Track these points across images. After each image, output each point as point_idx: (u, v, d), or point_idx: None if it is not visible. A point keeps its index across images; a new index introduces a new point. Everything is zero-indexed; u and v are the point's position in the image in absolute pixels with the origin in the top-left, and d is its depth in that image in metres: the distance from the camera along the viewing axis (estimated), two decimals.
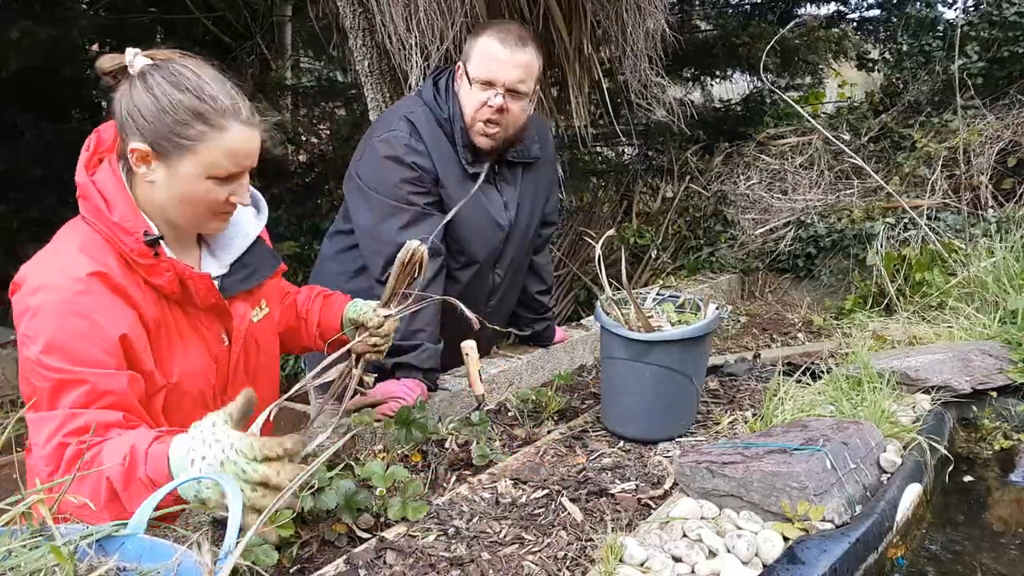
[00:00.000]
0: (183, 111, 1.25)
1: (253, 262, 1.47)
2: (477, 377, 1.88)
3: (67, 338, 1.19)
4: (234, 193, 1.33)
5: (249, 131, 1.31)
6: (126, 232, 1.27)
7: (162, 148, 1.26)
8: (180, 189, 1.29)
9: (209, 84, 1.28)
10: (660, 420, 1.76)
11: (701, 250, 4.20)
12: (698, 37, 5.95)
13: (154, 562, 0.93)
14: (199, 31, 5.89)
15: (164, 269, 1.30)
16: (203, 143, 1.26)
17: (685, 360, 1.72)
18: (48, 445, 1.18)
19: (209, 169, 1.28)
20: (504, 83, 1.90)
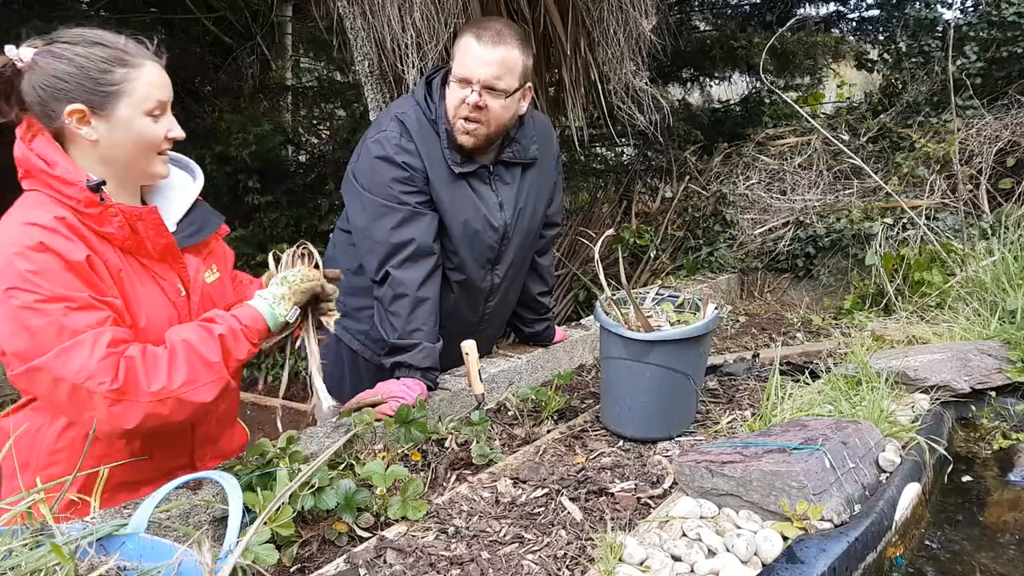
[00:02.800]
0: (99, 61, 1.31)
1: (197, 220, 1.54)
2: (477, 377, 1.89)
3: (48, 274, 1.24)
4: (170, 129, 1.40)
5: (158, 64, 1.39)
6: (69, 184, 1.31)
7: (95, 102, 1.32)
8: (123, 134, 1.35)
9: (103, 35, 1.35)
10: (659, 419, 1.77)
11: (700, 250, 4.20)
12: (696, 38, 5.95)
13: (155, 561, 0.93)
14: (199, 31, 5.89)
15: (112, 214, 1.34)
16: (129, 83, 1.33)
17: (684, 360, 1.72)
18: (91, 364, 1.21)
19: (142, 104, 1.35)
20: (479, 79, 1.88)
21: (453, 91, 1.93)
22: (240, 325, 1.40)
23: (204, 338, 1.34)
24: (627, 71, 3.21)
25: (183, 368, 1.30)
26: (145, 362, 1.27)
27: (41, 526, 0.99)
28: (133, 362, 1.25)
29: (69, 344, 1.22)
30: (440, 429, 1.81)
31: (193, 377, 1.31)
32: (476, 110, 1.91)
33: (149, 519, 1.04)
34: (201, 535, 0.94)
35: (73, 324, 1.23)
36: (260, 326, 1.44)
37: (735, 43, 5.49)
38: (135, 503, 1.32)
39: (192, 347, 1.32)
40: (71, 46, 1.32)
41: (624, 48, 3.15)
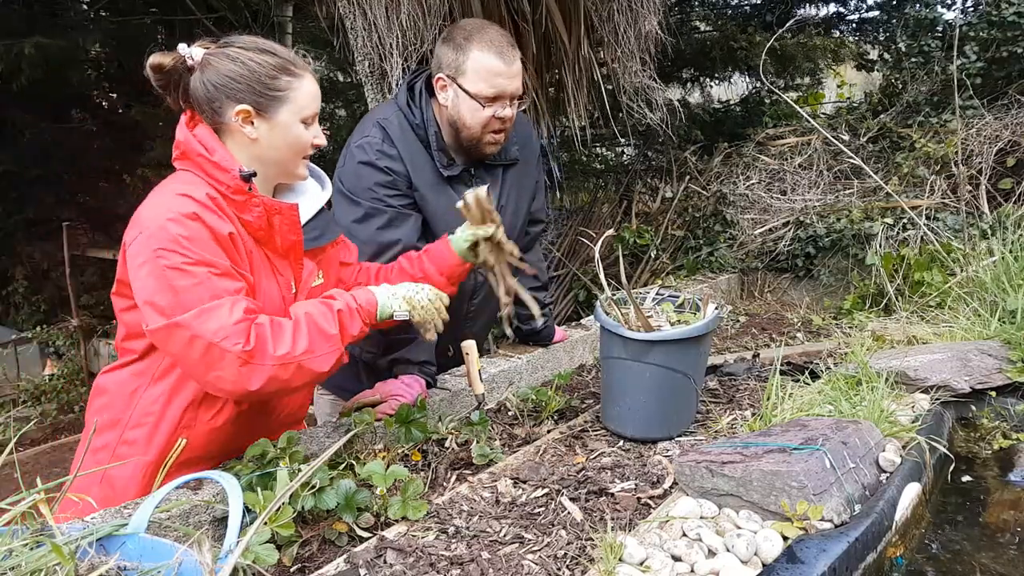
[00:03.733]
0: (270, 68, 1.43)
1: (320, 226, 1.63)
2: (477, 377, 1.89)
3: (198, 240, 1.35)
4: (316, 135, 1.52)
5: (314, 77, 1.51)
6: (223, 170, 1.43)
7: (261, 104, 1.44)
8: (280, 136, 1.47)
9: (274, 45, 1.47)
10: (660, 419, 1.77)
11: (700, 250, 4.20)
12: (697, 39, 5.96)
13: (155, 561, 0.93)
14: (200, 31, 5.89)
15: (255, 204, 1.45)
16: (293, 91, 1.45)
17: (684, 360, 1.72)
18: (228, 326, 1.31)
19: (300, 112, 1.47)
20: (511, 95, 1.93)
21: (478, 109, 1.93)
22: (356, 304, 1.49)
23: (324, 312, 1.44)
24: (636, 69, 3.21)
25: (305, 338, 1.39)
26: (273, 330, 1.37)
27: (41, 526, 0.99)
28: (263, 329, 1.35)
29: (210, 306, 1.32)
30: (440, 429, 1.82)
31: (313, 347, 1.40)
32: (506, 122, 1.97)
33: (149, 519, 1.04)
34: (201, 535, 0.94)
35: (215, 288, 1.34)
36: (373, 309, 1.53)
37: (735, 44, 5.50)
38: (135, 503, 1.33)
39: (313, 319, 1.42)
40: (244, 51, 1.44)
41: (634, 46, 3.15)
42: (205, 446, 1.54)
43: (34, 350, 6.53)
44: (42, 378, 6.22)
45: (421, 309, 1.57)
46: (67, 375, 6.07)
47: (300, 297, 1.58)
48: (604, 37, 3.20)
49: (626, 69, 3.23)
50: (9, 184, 6.47)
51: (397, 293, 1.56)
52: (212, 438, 1.54)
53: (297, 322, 1.41)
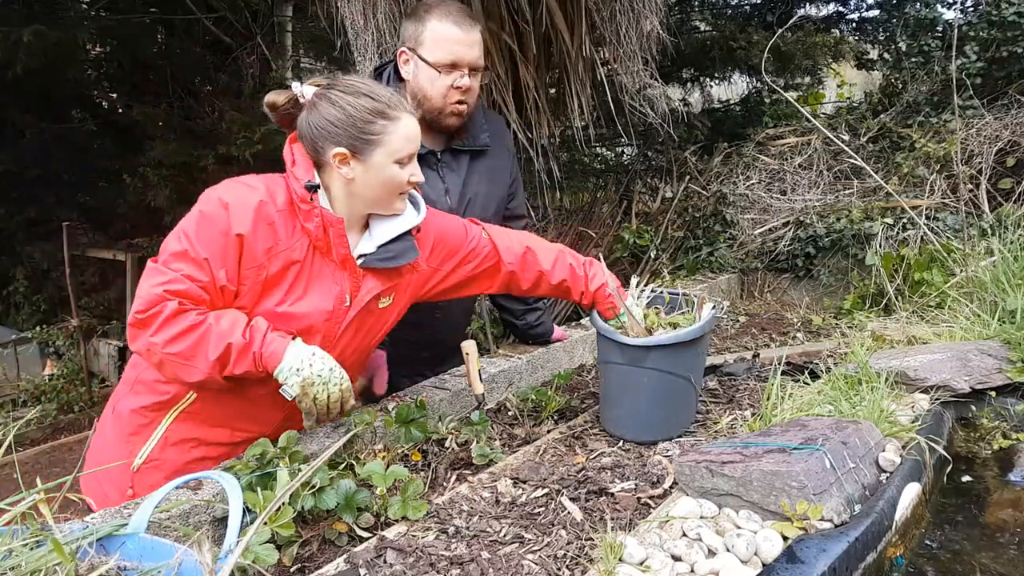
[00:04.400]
0: (366, 112, 1.51)
1: (396, 249, 1.66)
2: (477, 377, 1.89)
3: (210, 223, 1.45)
4: (413, 174, 1.58)
5: (413, 118, 1.56)
6: (296, 179, 1.53)
7: (356, 147, 1.52)
8: (375, 177, 1.55)
9: (374, 88, 1.54)
10: (659, 422, 1.77)
11: (700, 250, 4.20)
12: (696, 38, 5.95)
13: (155, 561, 0.93)
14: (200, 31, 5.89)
15: (315, 215, 1.53)
16: (387, 135, 1.52)
17: (682, 363, 1.72)
18: (152, 291, 1.42)
19: (395, 155, 1.53)
20: (468, 63, 1.96)
21: (438, 78, 1.97)
22: (258, 348, 1.46)
23: (220, 334, 1.43)
24: (638, 69, 3.21)
25: (186, 343, 1.42)
26: (168, 316, 1.42)
27: (41, 526, 0.99)
28: (163, 309, 1.41)
29: (155, 268, 1.45)
30: (440, 429, 1.82)
31: (186, 355, 1.43)
32: (466, 92, 1.98)
33: (149, 519, 1.04)
34: (201, 535, 0.94)
35: (175, 261, 1.44)
36: (271, 365, 1.48)
37: (734, 43, 5.49)
38: (135, 503, 1.33)
39: (207, 334, 1.43)
40: (344, 94, 1.52)
41: (635, 46, 3.15)
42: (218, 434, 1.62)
43: (34, 350, 6.53)
44: (42, 378, 6.22)
45: (311, 400, 1.50)
46: (67, 375, 6.07)
47: (351, 312, 1.62)
48: (607, 37, 3.20)
49: (628, 69, 3.23)
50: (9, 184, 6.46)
51: (303, 370, 1.49)
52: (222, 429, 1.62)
53: (197, 325, 1.43)
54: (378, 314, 1.70)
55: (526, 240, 1.94)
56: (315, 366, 1.49)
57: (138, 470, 1.58)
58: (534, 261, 1.90)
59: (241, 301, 1.51)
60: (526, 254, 1.90)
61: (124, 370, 1.70)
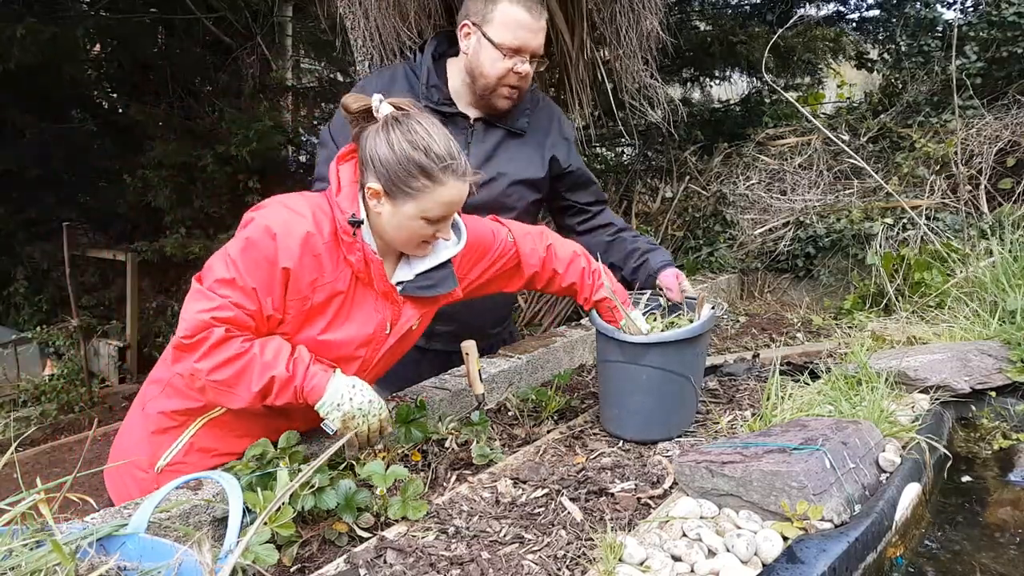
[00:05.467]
0: (412, 166, 1.49)
1: (435, 278, 1.67)
2: (477, 377, 1.89)
3: (257, 252, 1.45)
4: (439, 231, 1.58)
5: (462, 185, 1.54)
6: (341, 210, 1.53)
7: (391, 191, 1.51)
8: (398, 222, 1.54)
9: (437, 143, 1.50)
10: (658, 421, 1.77)
11: (700, 250, 4.20)
12: (696, 36, 5.95)
13: (155, 561, 0.93)
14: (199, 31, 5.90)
15: (356, 248, 1.53)
16: (424, 193, 1.50)
17: (681, 361, 1.72)
18: (199, 316, 1.41)
19: (424, 213, 1.52)
20: (532, 50, 1.97)
21: (499, 59, 1.98)
22: (300, 383, 1.47)
23: (264, 365, 1.44)
24: (639, 69, 3.20)
25: (230, 371, 1.42)
26: (214, 344, 1.41)
27: (41, 526, 0.99)
28: (209, 335, 1.41)
29: (202, 292, 1.44)
30: (440, 429, 1.82)
31: (230, 383, 1.43)
32: (523, 78, 2.00)
33: (149, 519, 1.04)
34: (201, 535, 0.94)
35: (222, 287, 1.44)
36: (314, 399, 1.48)
37: (734, 38, 5.48)
38: (135, 503, 1.33)
39: (251, 364, 1.43)
40: (402, 138, 1.49)
41: (636, 46, 3.14)
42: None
43: (34, 350, 6.53)
44: (42, 378, 6.22)
45: (352, 433, 1.52)
46: (67, 375, 6.07)
47: (391, 340, 1.64)
48: (607, 37, 3.20)
49: (628, 68, 3.22)
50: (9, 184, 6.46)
51: (343, 405, 1.50)
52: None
53: (241, 355, 1.43)
54: (410, 335, 1.72)
55: (547, 238, 1.92)
56: (355, 399, 1.50)
57: (161, 472, 1.57)
58: (551, 261, 1.89)
59: (284, 328, 1.52)
60: (547, 257, 1.89)
61: (154, 368, 1.69)
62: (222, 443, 1.60)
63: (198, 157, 5.43)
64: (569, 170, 2.28)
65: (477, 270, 1.82)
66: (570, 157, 2.28)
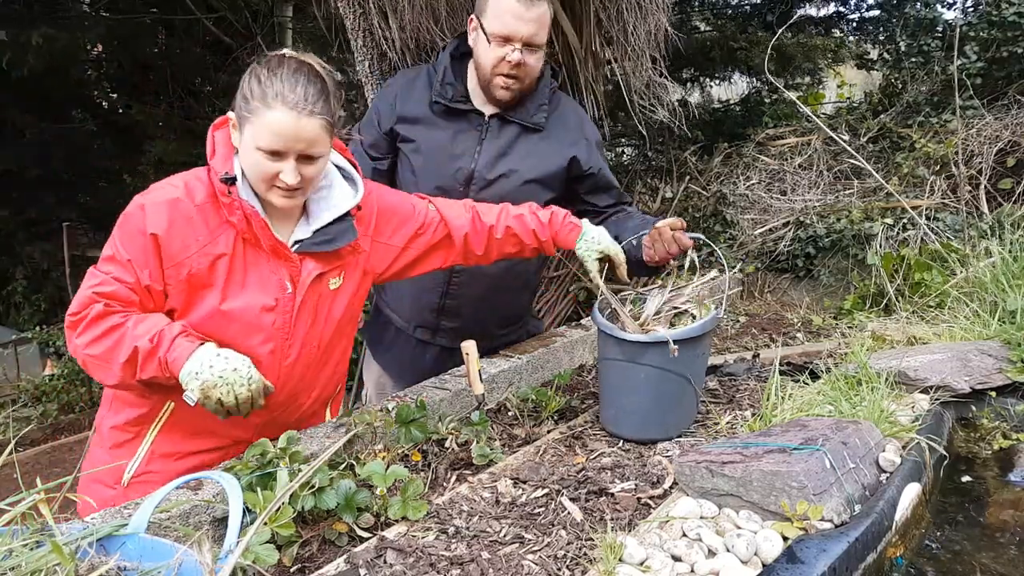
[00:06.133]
0: (248, 89, 1.47)
1: (333, 232, 1.64)
2: (477, 377, 1.89)
3: (129, 224, 1.49)
4: (282, 171, 1.49)
5: (294, 117, 1.45)
6: (214, 172, 1.53)
7: (239, 118, 1.50)
8: (245, 154, 1.51)
9: (282, 75, 1.46)
10: (657, 421, 1.77)
11: (701, 250, 4.20)
12: (697, 38, 5.95)
13: (155, 561, 0.93)
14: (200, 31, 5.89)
15: (235, 208, 1.52)
16: (255, 116, 1.46)
17: (682, 361, 1.72)
18: (83, 293, 1.46)
19: (256, 140, 1.46)
20: (522, 38, 1.96)
21: (491, 49, 2.00)
22: (163, 353, 1.43)
23: (132, 337, 1.43)
24: (647, 66, 3.20)
25: (103, 346, 1.44)
26: (93, 318, 1.44)
27: (41, 526, 0.99)
28: (89, 312, 1.44)
29: (91, 271, 1.50)
30: (440, 429, 1.81)
31: (103, 357, 1.44)
32: (517, 67, 1.99)
33: (149, 519, 1.04)
34: (201, 535, 0.94)
35: (105, 264, 1.49)
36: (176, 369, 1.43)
37: (734, 44, 5.49)
38: (135, 503, 1.33)
39: (122, 337, 1.43)
40: (262, 67, 1.48)
41: (643, 44, 3.14)
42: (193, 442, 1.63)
43: (34, 350, 6.53)
44: (42, 378, 6.22)
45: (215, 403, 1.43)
46: (67, 375, 6.07)
47: (298, 295, 1.61)
48: (614, 35, 3.19)
49: (636, 67, 3.22)
50: (9, 184, 6.46)
51: (202, 373, 1.41)
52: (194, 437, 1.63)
53: (115, 327, 1.44)
54: (331, 296, 1.68)
55: (470, 204, 1.94)
56: (216, 367, 1.42)
57: (129, 485, 1.58)
58: (479, 220, 1.89)
59: (172, 303, 1.52)
60: (473, 216, 1.90)
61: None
62: (181, 445, 1.61)
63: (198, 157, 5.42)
64: (590, 172, 2.26)
65: (400, 237, 1.81)
66: (591, 159, 2.27)
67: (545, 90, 2.16)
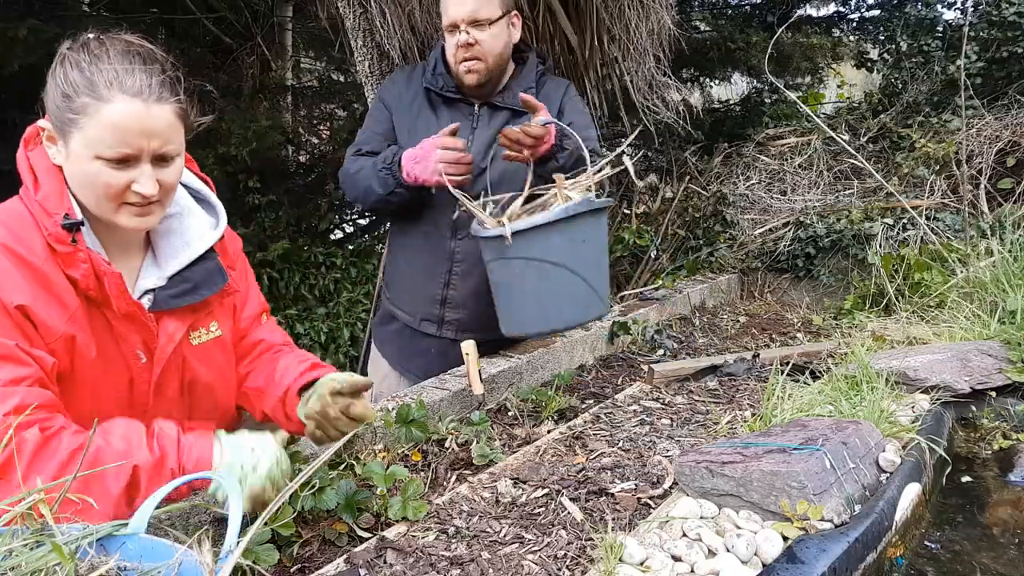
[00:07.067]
0: (71, 83, 1.13)
1: (196, 277, 1.30)
2: (477, 377, 1.89)
3: None
4: (135, 180, 1.15)
5: (140, 105, 1.12)
6: (47, 213, 1.15)
7: (56, 124, 1.16)
8: (75, 170, 1.16)
9: (110, 57, 1.13)
10: (535, 315, 1.73)
11: (700, 250, 4.20)
12: (696, 38, 5.95)
13: (155, 561, 0.93)
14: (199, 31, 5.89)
15: (81, 260, 1.16)
16: (85, 115, 1.12)
17: (555, 250, 1.67)
18: None
19: (94, 146, 1.12)
20: (463, 18, 2.05)
21: (447, 41, 2.13)
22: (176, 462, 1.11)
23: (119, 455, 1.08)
24: (650, 65, 3.20)
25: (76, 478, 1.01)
26: (39, 450, 1.06)
27: (41, 526, 0.99)
28: (24, 445, 1.05)
29: None
30: (440, 429, 1.82)
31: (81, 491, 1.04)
32: (468, 48, 2.08)
33: (149, 519, 1.04)
34: (201, 535, 0.94)
35: None
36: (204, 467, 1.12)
37: (732, 45, 5.49)
38: None
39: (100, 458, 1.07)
40: (74, 59, 1.14)
41: (646, 43, 3.14)
42: None
43: None
44: None
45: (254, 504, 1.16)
46: None
47: (156, 368, 1.27)
48: (616, 34, 3.18)
49: (640, 66, 3.21)
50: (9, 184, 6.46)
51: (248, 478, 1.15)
52: None
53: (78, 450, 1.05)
54: (204, 349, 1.33)
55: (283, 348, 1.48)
56: (260, 467, 1.15)
57: None
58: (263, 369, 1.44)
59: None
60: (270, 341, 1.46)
61: None
62: None
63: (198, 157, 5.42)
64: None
65: (246, 295, 1.42)
66: (568, 116, 2.26)
67: (531, 74, 2.23)
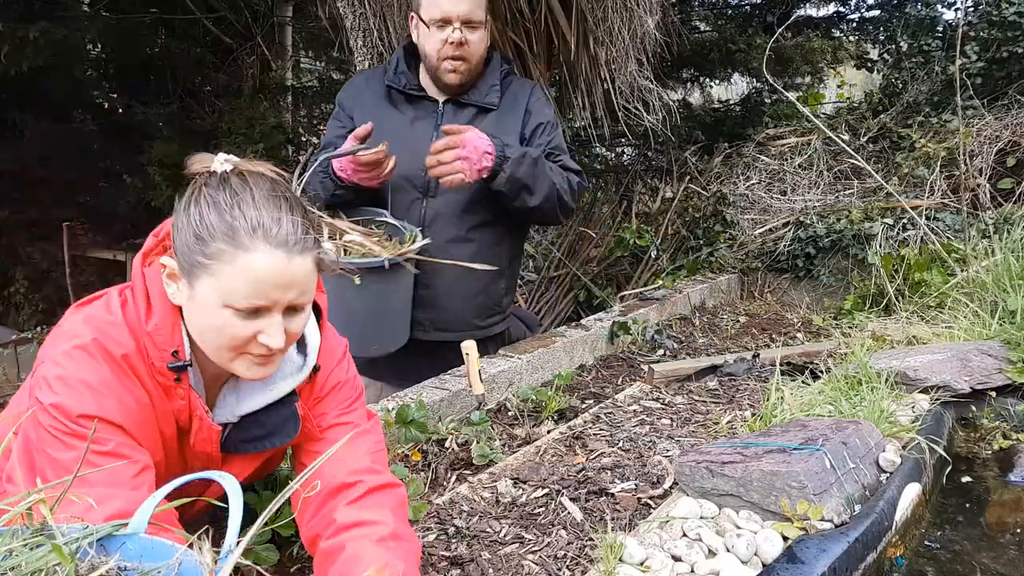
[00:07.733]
0: (208, 225, 1.03)
1: (270, 423, 1.19)
2: (477, 377, 1.89)
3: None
4: (263, 332, 1.05)
5: (283, 257, 1.03)
6: (155, 347, 1.09)
7: (184, 266, 1.06)
8: (199, 315, 1.07)
9: (254, 200, 1.05)
10: None
11: (700, 250, 4.20)
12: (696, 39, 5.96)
13: (155, 561, 0.93)
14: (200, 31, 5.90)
15: (180, 396, 1.12)
16: (220, 261, 1.02)
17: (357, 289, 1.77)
18: None
19: (226, 296, 1.03)
20: (459, 17, 2.03)
21: (431, 35, 2.06)
22: None
23: None
24: (632, 70, 3.20)
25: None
26: None
27: (41, 526, 0.99)
28: None
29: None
30: (440, 429, 1.82)
31: None
32: (459, 47, 2.05)
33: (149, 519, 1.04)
34: (201, 535, 0.94)
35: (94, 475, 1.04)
36: None
37: (733, 46, 5.50)
38: None
39: None
40: (211, 194, 1.05)
41: (629, 46, 3.15)
42: None
43: (34, 350, 6.52)
44: None
45: None
46: None
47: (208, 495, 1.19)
48: (599, 36, 3.19)
49: (622, 69, 3.22)
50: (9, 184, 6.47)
51: None
52: None
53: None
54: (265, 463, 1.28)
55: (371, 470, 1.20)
56: None
57: None
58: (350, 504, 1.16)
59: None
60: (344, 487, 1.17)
61: None
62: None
63: None
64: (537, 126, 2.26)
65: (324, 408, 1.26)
66: (531, 133, 2.23)
67: (495, 72, 2.21)
